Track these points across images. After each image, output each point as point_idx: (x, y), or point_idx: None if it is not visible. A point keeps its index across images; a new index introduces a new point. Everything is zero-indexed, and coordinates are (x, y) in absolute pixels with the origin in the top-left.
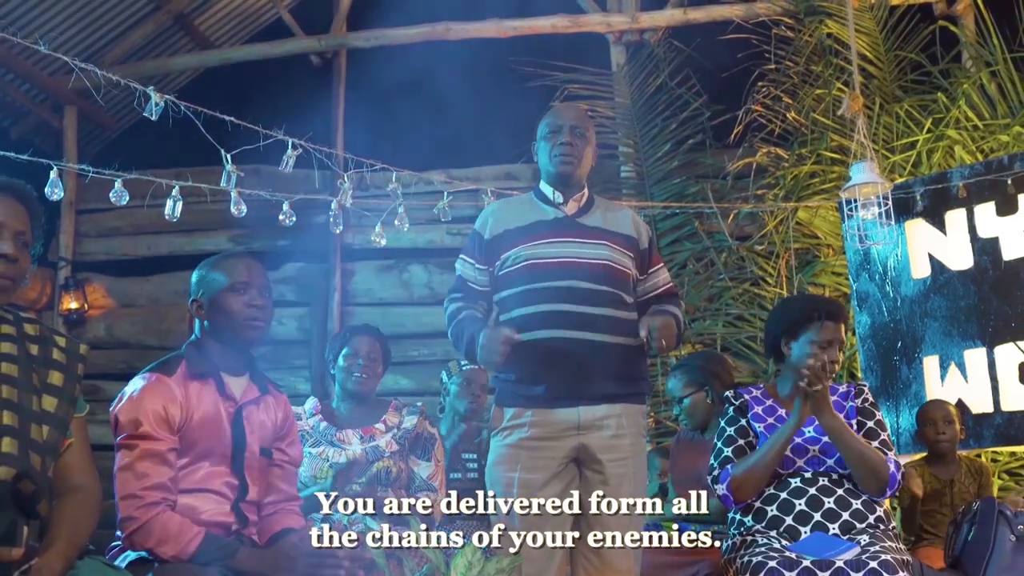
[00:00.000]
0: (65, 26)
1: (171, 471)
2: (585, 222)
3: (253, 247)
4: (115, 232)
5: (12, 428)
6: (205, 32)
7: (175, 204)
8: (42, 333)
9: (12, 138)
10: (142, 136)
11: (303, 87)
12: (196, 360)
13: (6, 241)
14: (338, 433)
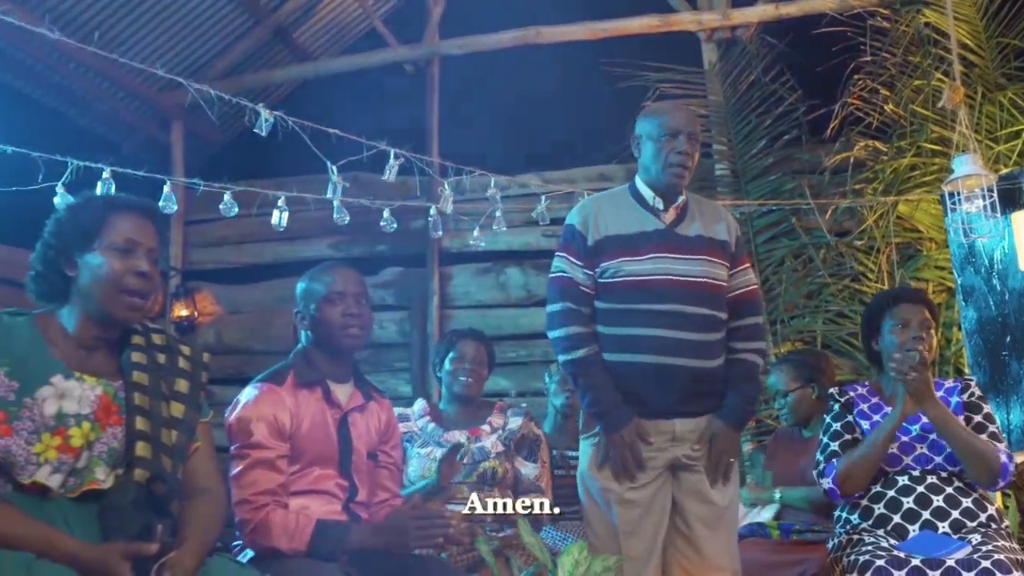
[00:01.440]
0: (171, 44)
1: (281, 477)
2: (685, 232)
3: (353, 253)
4: (222, 241)
5: (145, 433)
6: (303, 45)
7: (281, 214)
8: (168, 343)
9: (123, 153)
10: (245, 147)
11: (397, 95)
12: (303, 369)
13: (141, 259)
14: (445, 434)
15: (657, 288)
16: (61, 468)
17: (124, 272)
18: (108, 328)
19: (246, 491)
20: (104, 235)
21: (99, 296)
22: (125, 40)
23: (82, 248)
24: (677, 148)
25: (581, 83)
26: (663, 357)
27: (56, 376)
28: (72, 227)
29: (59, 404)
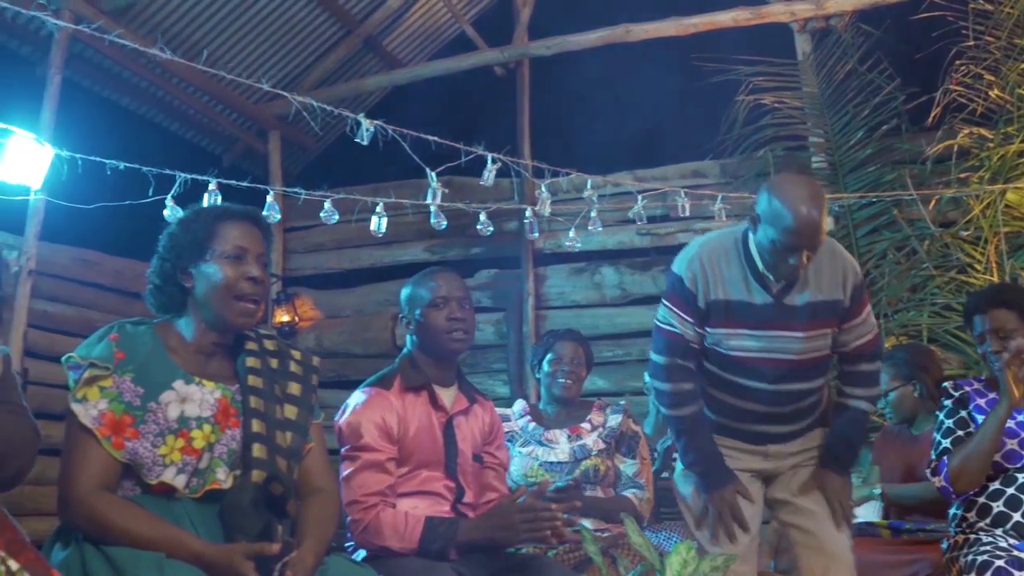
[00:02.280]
0: (267, 57)
1: (390, 478)
2: (794, 302)
3: (448, 256)
4: (320, 248)
5: (261, 435)
6: (393, 52)
7: (380, 220)
8: (279, 347)
9: (224, 165)
10: (339, 154)
11: (488, 98)
12: (409, 374)
13: (251, 265)
14: (546, 433)
15: (757, 366)
16: (185, 469)
17: (237, 279)
18: (224, 334)
19: (356, 492)
20: (215, 244)
21: (214, 303)
22: (224, 55)
23: (195, 259)
24: (791, 261)
25: (672, 80)
26: (759, 425)
27: (177, 381)
28: (184, 239)
29: (181, 408)
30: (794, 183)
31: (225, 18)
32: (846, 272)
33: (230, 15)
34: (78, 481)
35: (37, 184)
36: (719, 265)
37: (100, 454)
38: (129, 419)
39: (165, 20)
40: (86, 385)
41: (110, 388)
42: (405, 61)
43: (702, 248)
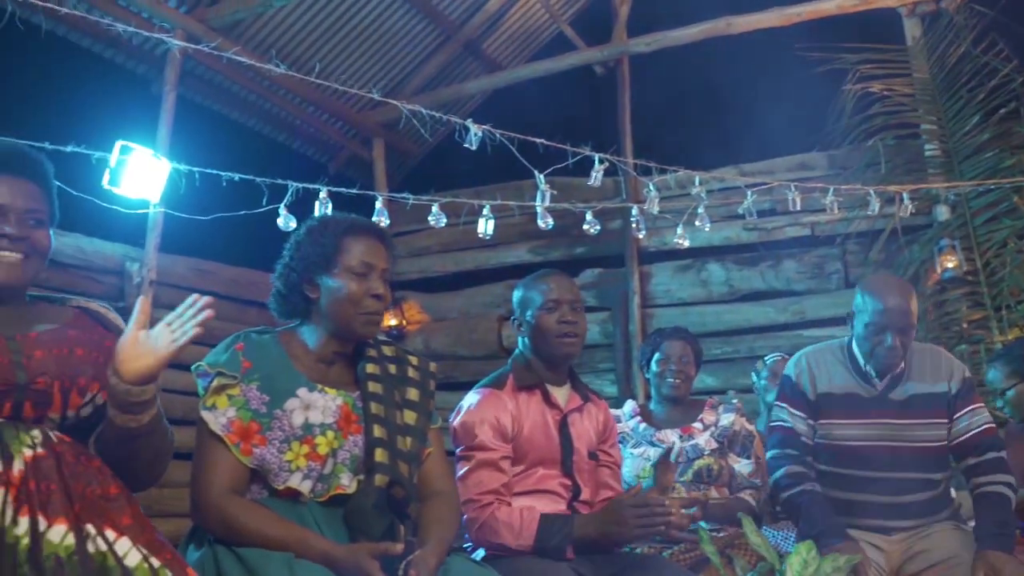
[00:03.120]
0: (369, 65)
1: (505, 477)
2: (899, 396)
3: (552, 257)
4: (425, 251)
5: (382, 440)
6: (492, 55)
7: (487, 222)
8: (397, 354)
9: (330, 173)
10: (442, 159)
11: (587, 97)
12: (522, 374)
13: (376, 281)
14: (657, 433)
15: (869, 454)
16: (310, 474)
17: (362, 295)
18: (346, 343)
19: (472, 491)
20: (342, 259)
21: (339, 317)
22: (327, 66)
23: (321, 271)
24: (885, 343)
25: (775, 71)
26: (879, 520)
27: (301, 388)
28: (311, 251)
29: (305, 415)
30: (882, 277)
31: (328, 29)
32: (952, 367)
33: (333, 27)
34: (210, 485)
35: (156, 198)
36: (824, 363)
37: (230, 460)
38: (256, 426)
39: (270, 35)
40: (215, 393)
41: (238, 396)
42: (504, 64)
43: (808, 351)
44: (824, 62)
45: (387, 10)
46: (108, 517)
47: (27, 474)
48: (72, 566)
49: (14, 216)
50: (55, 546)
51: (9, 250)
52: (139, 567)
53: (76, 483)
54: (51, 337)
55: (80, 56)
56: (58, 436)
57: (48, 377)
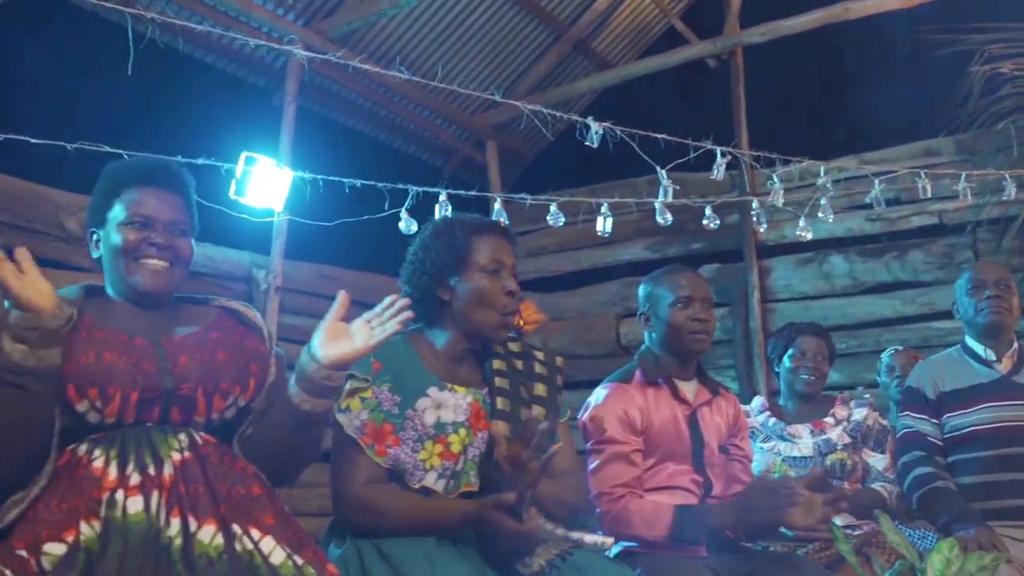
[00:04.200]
0: (480, 68)
1: (636, 470)
2: (1022, 380)
3: (669, 253)
4: (542, 251)
5: (507, 436)
6: (602, 53)
7: (605, 220)
8: (524, 349)
9: (444, 176)
10: (552, 160)
11: (700, 91)
12: (650, 368)
13: (507, 278)
14: (788, 428)
15: (1001, 435)
16: (444, 474)
17: (497, 293)
18: (476, 342)
19: (604, 484)
20: (473, 258)
21: (475, 316)
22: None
23: (454, 272)
24: (985, 295)
25: (896, 55)
26: (998, 501)
27: (431, 388)
28: (442, 253)
29: (437, 414)
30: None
31: (439, 35)
32: None
33: (444, 32)
34: (351, 482)
35: (279, 206)
36: (942, 365)
37: (366, 461)
38: (389, 427)
39: (384, 43)
40: (348, 396)
41: (370, 399)
42: (614, 62)
43: (924, 361)
44: (948, 44)
45: (496, 13)
46: (252, 516)
47: (176, 477)
48: (222, 565)
49: (161, 226)
50: (206, 546)
51: (156, 258)
52: (284, 564)
53: (221, 484)
54: (194, 341)
55: (205, 72)
56: (203, 438)
57: (192, 383)
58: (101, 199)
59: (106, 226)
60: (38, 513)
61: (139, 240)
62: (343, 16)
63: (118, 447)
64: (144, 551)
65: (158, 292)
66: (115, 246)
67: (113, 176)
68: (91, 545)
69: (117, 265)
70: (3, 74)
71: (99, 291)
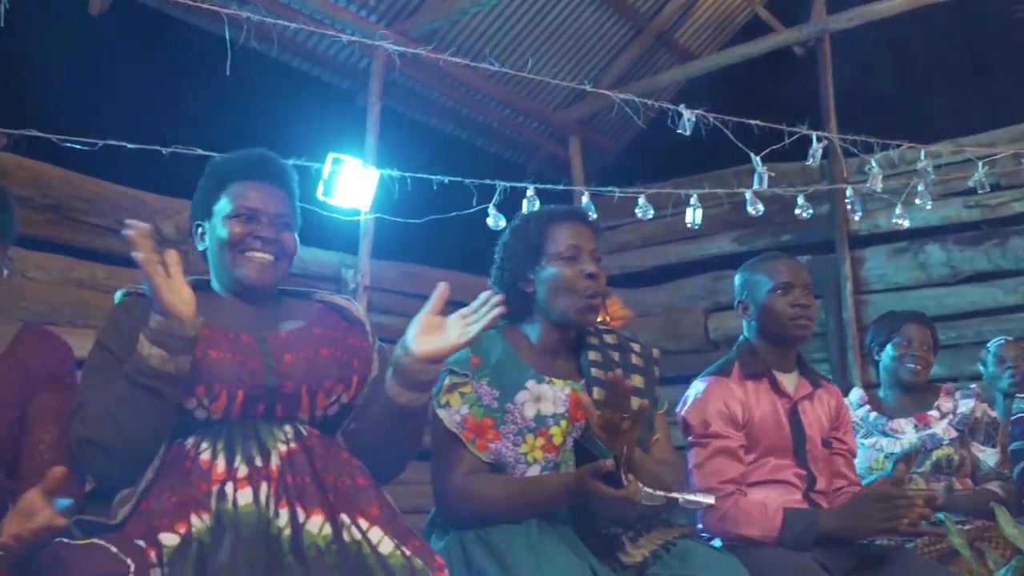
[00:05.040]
0: (562, 64)
1: (741, 466)
2: None
3: (756, 246)
4: (626, 246)
5: None
6: (685, 45)
7: (695, 212)
8: (620, 341)
9: (528, 173)
10: (635, 154)
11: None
12: (748, 360)
13: (586, 262)
14: (890, 423)
15: None
16: (547, 466)
17: (575, 277)
18: (568, 332)
19: (711, 479)
20: (549, 247)
21: (557, 304)
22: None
23: (533, 264)
24: None
25: (990, 37)
26: None
27: (530, 381)
28: (519, 248)
29: (537, 407)
30: None
31: (521, 32)
32: None
33: (525, 29)
34: (452, 474)
35: (366, 206)
36: None
37: (467, 455)
38: (490, 421)
39: (466, 41)
40: (448, 392)
41: (470, 393)
42: (697, 53)
43: None
44: None
45: (577, 9)
46: (359, 507)
47: (283, 468)
48: (331, 555)
49: (266, 219)
50: (314, 536)
51: (262, 251)
52: (392, 554)
53: (328, 475)
54: (298, 337)
55: (291, 75)
56: (308, 430)
57: (296, 381)
58: (207, 192)
59: (212, 219)
60: (150, 505)
61: (245, 233)
62: (425, 15)
63: (224, 440)
64: (255, 542)
65: (263, 285)
66: (221, 239)
67: (219, 169)
68: (203, 537)
69: (223, 258)
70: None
71: (204, 285)
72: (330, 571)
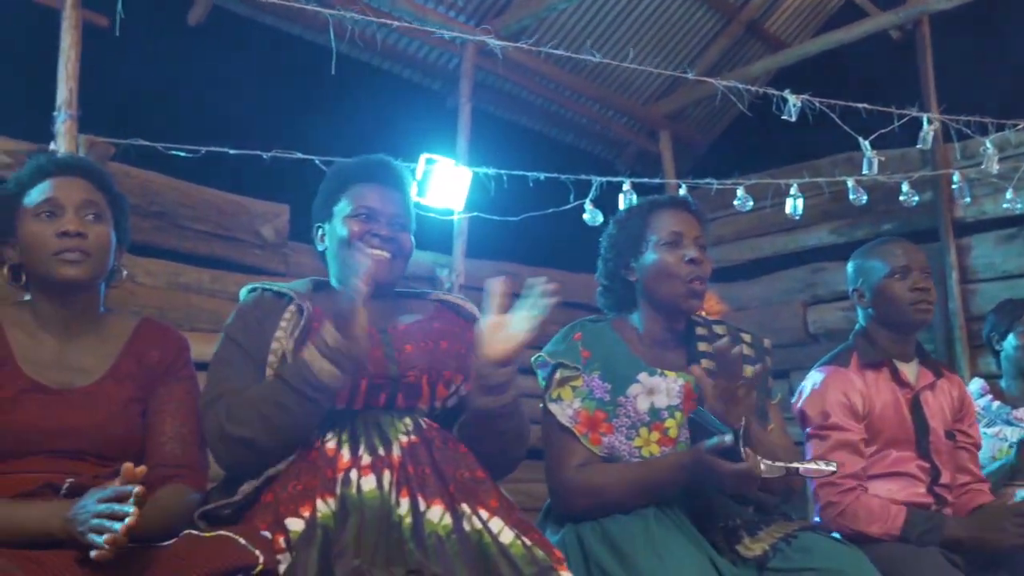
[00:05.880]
0: (650, 58)
1: (862, 460)
2: None
3: (856, 236)
4: (719, 241)
5: None
6: (776, 33)
7: (795, 202)
8: (729, 332)
9: (617, 169)
10: (726, 147)
11: (882, 64)
12: (867, 349)
13: (691, 247)
14: (1014, 412)
15: None
16: None
17: (678, 263)
18: (675, 321)
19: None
20: (651, 235)
21: (660, 290)
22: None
23: (635, 253)
24: None
25: None
26: None
27: (641, 374)
28: (621, 237)
29: (650, 400)
30: None
31: (608, 27)
32: None
33: (612, 24)
34: (566, 467)
35: (459, 206)
36: None
37: (581, 449)
38: (602, 415)
39: (554, 38)
40: (559, 386)
41: (581, 387)
42: (789, 41)
43: None
44: None
45: (664, 2)
46: (479, 498)
47: (404, 459)
48: (451, 544)
49: (384, 219)
50: (435, 525)
51: (380, 249)
52: (513, 544)
53: (447, 466)
54: (418, 329)
55: (381, 77)
56: (427, 423)
57: (417, 371)
58: (327, 195)
59: (332, 220)
60: (277, 495)
61: (364, 231)
62: (513, 14)
63: (349, 430)
64: (378, 527)
65: (381, 281)
66: (341, 237)
67: (339, 173)
68: (327, 522)
69: (342, 255)
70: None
71: (325, 285)
72: (451, 560)
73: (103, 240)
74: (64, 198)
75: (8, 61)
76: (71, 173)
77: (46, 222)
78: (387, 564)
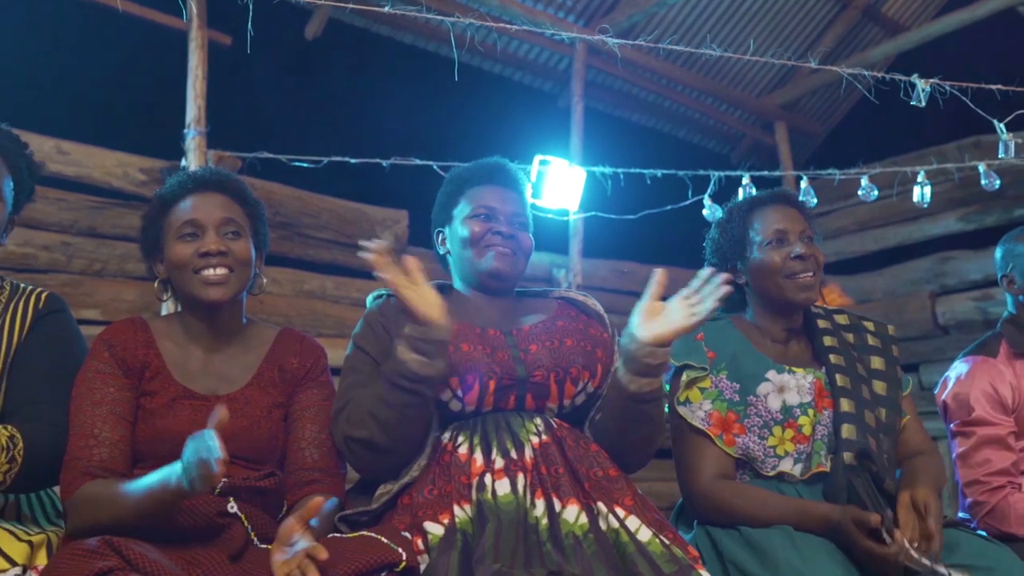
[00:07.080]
0: (765, 47)
1: (1012, 455)
2: None
3: (986, 224)
4: (840, 232)
5: (850, 414)
6: (894, 17)
7: (923, 189)
8: (852, 321)
9: (731, 163)
10: (844, 136)
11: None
12: (1016, 337)
13: (794, 243)
14: None
15: None
16: (800, 458)
17: (783, 260)
18: (792, 318)
19: (978, 471)
20: (754, 235)
21: (769, 290)
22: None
23: (741, 254)
24: None
25: None
26: None
27: (770, 371)
28: (724, 240)
29: (782, 398)
30: None
31: (720, 19)
32: None
33: (723, 16)
34: (699, 474)
35: (574, 206)
36: None
37: (715, 451)
38: (734, 415)
39: (664, 33)
40: (686, 388)
41: (710, 388)
42: (908, 24)
43: None
44: None
45: None
46: (613, 497)
47: (537, 460)
48: (588, 543)
49: (503, 218)
50: (571, 525)
51: (502, 246)
52: (651, 542)
53: (580, 465)
54: (542, 329)
55: (494, 81)
56: (557, 422)
57: (544, 370)
58: (446, 199)
59: (452, 223)
60: (414, 498)
61: (484, 230)
62: (622, 11)
63: (480, 434)
64: (515, 530)
65: (506, 275)
66: (463, 238)
67: (457, 177)
68: (466, 527)
69: (465, 255)
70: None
71: (447, 288)
72: (589, 559)
73: (244, 255)
74: (204, 218)
75: (139, 83)
76: (209, 188)
77: (188, 242)
78: (526, 567)
